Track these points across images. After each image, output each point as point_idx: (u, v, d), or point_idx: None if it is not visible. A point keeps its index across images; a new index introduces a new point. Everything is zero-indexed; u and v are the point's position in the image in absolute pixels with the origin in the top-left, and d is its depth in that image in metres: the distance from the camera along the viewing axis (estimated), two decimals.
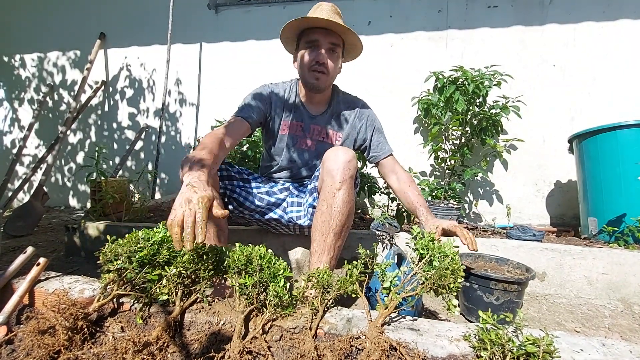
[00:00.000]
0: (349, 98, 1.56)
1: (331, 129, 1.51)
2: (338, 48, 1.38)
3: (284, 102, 1.49)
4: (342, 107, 1.52)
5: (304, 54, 1.37)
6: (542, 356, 0.67)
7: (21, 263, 1.07)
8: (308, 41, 1.35)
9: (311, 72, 1.36)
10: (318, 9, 1.36)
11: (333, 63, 1.38)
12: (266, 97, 1.46)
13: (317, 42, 1.34)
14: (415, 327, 0.83)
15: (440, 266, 0.83)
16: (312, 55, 1.35)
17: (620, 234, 1.82)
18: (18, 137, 3.68)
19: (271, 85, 1.51)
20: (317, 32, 1.34)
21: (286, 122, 1.49)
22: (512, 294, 1.26)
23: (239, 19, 3.17)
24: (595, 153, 1.99)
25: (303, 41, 1.38)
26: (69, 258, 1.94)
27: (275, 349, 0.82)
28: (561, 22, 2.61)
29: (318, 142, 1.50)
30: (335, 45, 1.36)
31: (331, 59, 1.37)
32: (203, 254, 0.94)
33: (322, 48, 1.34)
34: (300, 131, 1.49)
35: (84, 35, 3.44)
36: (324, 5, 1.36)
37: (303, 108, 1.49)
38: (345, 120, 1.52)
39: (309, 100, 1.49)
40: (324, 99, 1.50)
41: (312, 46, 1.35)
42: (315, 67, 1.35)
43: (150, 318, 0.91)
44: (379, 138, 1.53)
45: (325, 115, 1.50)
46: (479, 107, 2.44)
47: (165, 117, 3.30)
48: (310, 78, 1.37)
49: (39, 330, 0.82)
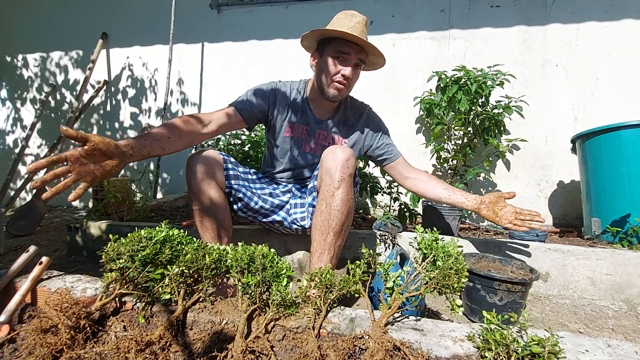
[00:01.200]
0: (357, 104, 1.56)
1: (337, 135, 1.50)
2: (363, 64, 1.38)
3: (289, 103, 1.47)
4: (349, 113, 1.52)
5: (330, 62, 1.33)
6: (547, 357, 0.66)
7: (24, 262, 1.07)
8: (339, 51, 1.31)
9: (334, 82, 1.34)
10: (352, 19, 1.30)
11: (355, 77, 1.38)
12: (270, 94, 1.45)
13: (348, 56, 1.31)
14: (418, 327, 0.83)
15: (444, 266, 0.82)
16: (339, 67, 1.32)
17: (624, 234, 1.81)
18: (20, 137, 3.69)
19: (279, 83, 1.49)
20: (351, 45, 1.30)
21: (290, 124, 1.47)
22: (516, 295, 1.26)
23: (241, 19, 3.17)
24: (599, 153, 1.98)
25: (332, 48, 1.33)
26: (71, 257, 1.94)
27: (278, 348, 0.82)
28: (564, 22, 2.59)
29: (323, 146, 1.47)
30: (361, 61, 1.36)
31: (355, 73, 1.36)
32: (206, 253, 0.93)
33: (351, 62, 1.32)
34: (306, 134, 1.48)
35: (86, 35, 3.44)
36: (357, 17, 1.31)
37: (310, 111, 1.48)
38: (352, 126, 1.52)
39: (317, 104, 1.47)
40: (333, 105, 1.48)
41: (341, 57, 1.32)
42: (339, 79, 1.33)
43: (152, 317, 0.91)
44: (387, 141, 1.54)
45: (333, 121, 1.49)
46: (481, 107, 2.43)
47: (167, 116, 3.30)
48: (331, 88, 1.36)
49: (41, 329, 0.82)
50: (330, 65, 1.33)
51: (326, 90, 1.36)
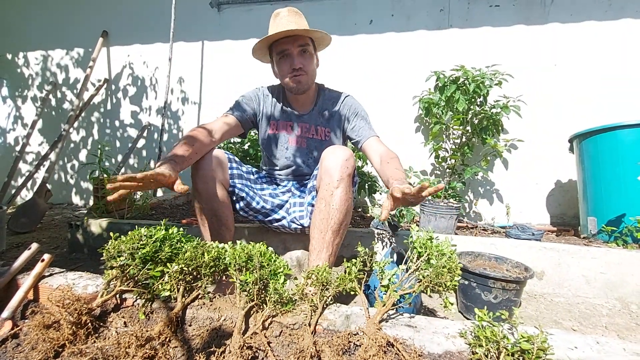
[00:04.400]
0: (334, 94, 1.58)
1: (319, 126, 1.54)
2: (308, 47, 1.40)
3: (271, 103, 1.55)
4: (327, 103, 1.56)
5: (279, 65, 1.42)
6: (536, 353, 0.68)
7: (26, 259, 1.09)
8: (278, 52, 1.40)
9: (290, 78, 1.40)
10: (277, 18, 1.39)
11: (308, 62, 1.41)
12: (255, 98, 1.55)
13: (287, 51, 1.38)
14: (412, 324, 0.85)
15: (437, 264, 0.84)
16: (286, 64, 1.39)
17: (619, 233, 1.83)
18: (21, 135, 3.70)
19: (262, 88, 1.58)
20: (283, 41, 1.37)
21: (274, 122, 1.55)
22: (511, 293, 1.27)
23: (240, 18, 3.18)
24: (596, 153, 1.99)
25: (274, 53, 1.42)
26: (72, 254, 1.96)
27: (275, 344, 0.83)
28: (563, 22, 2.60)
29: (308, 139, 1.54)
30: (304, 46, 1.39)
31: (304, 59, 1.40)
32: (204, 251, 0.95)
33: (293, 54, 1.38)
34: (290, 130, 1.54)
35: (86, 33, 3.45)
36: (281, 14, 1.39)
37: (290, 108, 1.54)
38: (330, 115, 1.55)
39: (294, 100, 1.53)
40: (309, 98, 1.54)
41: (283, 55, 1.39)
42: (293, 73, 1.39)
43: (152, 314, 0.93)
44: (360, 123, 1.50)
45: (312, 113, 1.54)
46: (479, 107, 2.45)
47: (167, 115, 3.32)
48: (292, 84, 1.42)
49: (44, 325, 0.84)
50: (279, 66, 1.43)
51: (291, 88, 1.43)
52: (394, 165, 1.25)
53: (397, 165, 1.26)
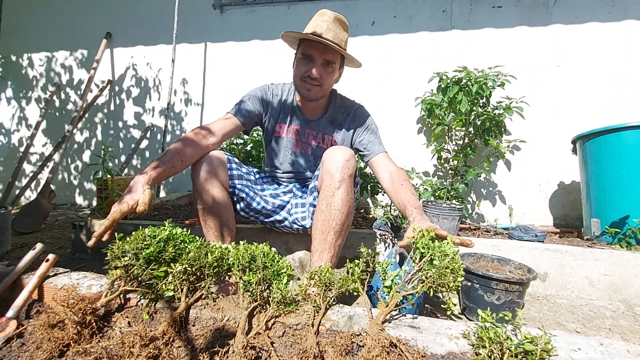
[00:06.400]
0: (347, 103, 1.55)
1: (327, 135, 1.52)
2: (333, 63, 1.37)
3: (281, 105, 1.51)
4: (338, 112, 1.52)
5: (299, 63, 1.39)
6: (539, 354, 0.68)
7: (30, 259, 1.10)
8: (303, 53, 1.36)
9: (302, 82, 1.37)
10: (320, 18, 1.34)
11: (327, 75, 1.37)
12: (263, 98, 1.50)
13: (312, 57, 1.34)
14: (415, 324, 0.85)
15: (440, 265, 0.84)
16: (305, 67, 1.35)
17: (622, 235, 1.82)
18: (25, 136, 3.73)
19: (271, 86, 1.53)
20: (313, 46, 1.33)
21: (282, 125, 1.51)
22: (514, 294, 1.27)
23: (243, 19, 3.19)
24: (599, 154, 1.99)
25: (300, 50, 1.38)
26: (75, 255, 1.97)
27: (278, 344, 0.84)
28: (566, 23, 2.60)
29: (313, 146, 1.52)
30: (329, 61, 1.35)
31: (325, 71, 1.36)
32: (208, 252, 0.96)
33: (316, 63, 1.34)
34: (297, 135, 1.52)
35: (90, 34, 3.47)
36: (326, 16, 1.34)
37: (300, 112, 1.51)
38: (340, 125, 1.52)
39: (305, 105, 1.49)
40: (320, 105, 1.50)
41: (306, 57, 1.35)
42: (307, 79, 1.36)
43: (156, 314, 0.94)
44: (370, 137, 1.49)
45: (321, 121, 1.51)
46: (482, 108, 2.44)
47: (170, 116, 3.33)
48: (301, 88, 1.39)
49: (48, 324, 0.84)
50: (298, 65, 1.39)
51: (299, 91, 1.41)
52: (407, 188, 1.27)
53: (411, 189, 1.28)
